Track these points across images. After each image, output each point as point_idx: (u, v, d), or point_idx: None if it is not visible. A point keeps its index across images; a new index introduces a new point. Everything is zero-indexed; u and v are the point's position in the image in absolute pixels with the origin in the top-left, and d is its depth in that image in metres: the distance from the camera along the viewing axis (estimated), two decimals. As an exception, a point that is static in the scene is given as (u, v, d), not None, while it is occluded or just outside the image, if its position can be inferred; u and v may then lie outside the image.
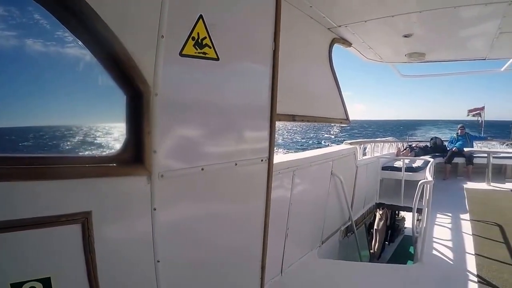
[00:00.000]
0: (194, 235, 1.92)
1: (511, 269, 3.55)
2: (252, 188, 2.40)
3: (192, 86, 1.78)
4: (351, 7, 3.56)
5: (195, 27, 1.70)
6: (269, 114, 2.39)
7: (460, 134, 10.01)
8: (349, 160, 5.17)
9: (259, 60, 2.32)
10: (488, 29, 4.28)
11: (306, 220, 3.81)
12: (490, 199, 6.83)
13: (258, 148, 2.36)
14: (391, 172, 6.99)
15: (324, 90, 4.08)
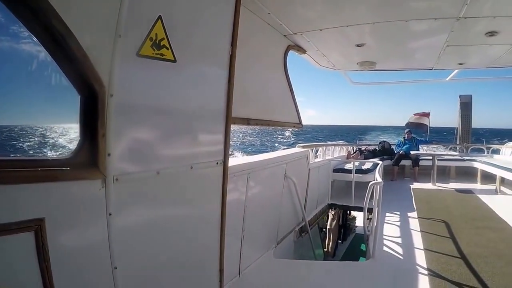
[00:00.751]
0: (151, 240, 1.89)
1: (458, 262, 3.80)
2: (208, 191, 2.41)
3: (148, 87, 1.76)
4: (308, 16, 3.66)
5: (153, 27, 1.69)
6: (224, 118, 2.42)
7: (407, 138, 10.63)
8: (302, 163, 5.28)
9: (216, 63, 2.35)
10: (436, 42, 4.57)
11: (262, 221, 3.85)
12: (436, 198, 7.28)
13: (213, 151, 2.38)
14: (342, 174, 7.22)
15: (279, 95, 4.15)
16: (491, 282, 3.29)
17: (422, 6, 3.41)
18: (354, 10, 3.50)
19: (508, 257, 3.90)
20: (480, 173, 9.16)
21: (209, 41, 2.24)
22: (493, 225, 5.23)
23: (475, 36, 4.30)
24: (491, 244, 4.34)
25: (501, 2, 3.26)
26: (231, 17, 2.38)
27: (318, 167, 6.17)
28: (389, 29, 4.02)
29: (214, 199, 2.46)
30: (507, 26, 3.88)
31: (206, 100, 2.30)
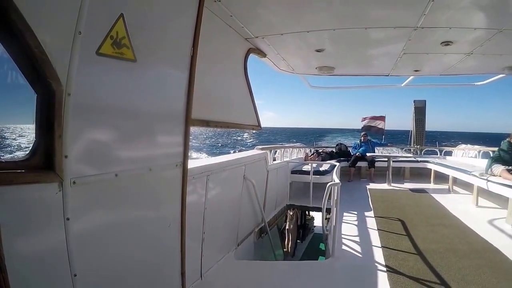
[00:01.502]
0: (111, 245, 1.83)
1: (415, 258, 3.98)
2: (168, 194, 2.38)
3: (107, 87, 1.71)
4: (269, 20, 3.70)
5: (114, 25, 1.65)
6: (184, 119, 2.41)
7: (363, 140, 11.03)
8: (261, 164, 5.32)
9: (177, 64, 2.33)
10: (394, 49, 4.75)
11: (222, 223, 3.84)
12: (391, 197, 7.59)
13: (172, 153, 2.36)
14: (300, 176, 7.33)
15: (238, 98, 4.16)
16: (447, 276, 3.47)
17: (382, 15, 3.54)
18: (315, 16, 3.57)
19: (462, 251, 4.14)
20: (433, 173, 9.64)
21: (170, 41, 2.23)
22: (447, 222, 5.55)
23: (431, 45, 4.52)
24: (446, 240, 4.59)
25: (456, 14, 3.46)
26: (193, 18, 2.37)
27: (276, 169, 6.23)
28: (349, 36, 4.14)
29: (174, 201, 2.43)
30: (462, 36, 4.12)
31: (165, 101, 2.27)
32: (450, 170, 8.44)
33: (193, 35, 2.40)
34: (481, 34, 4.01)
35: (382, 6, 3.33)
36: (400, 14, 3.48)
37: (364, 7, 3.32)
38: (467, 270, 3.61)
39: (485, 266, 3.70)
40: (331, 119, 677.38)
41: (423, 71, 6.29)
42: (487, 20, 3.65)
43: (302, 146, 11.17)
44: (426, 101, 13.40)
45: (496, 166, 6.15)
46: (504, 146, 6.33)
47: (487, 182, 6.09)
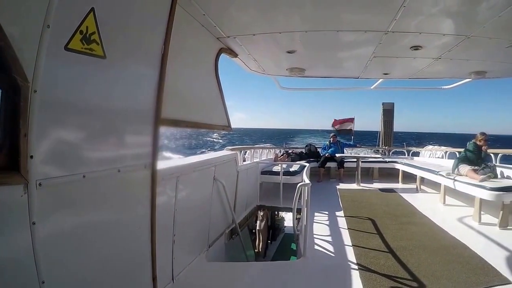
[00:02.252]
0: (80, 250, 1.76)
1: (386, 255, 4.07)
2: (137, 196, 2.32)
3: (75, 84, 1.64)
4: (242, 20, 3.70)
5: (84, 20, 1.58)
6: (153, 119, 2.36)
7: (332, 141, 11.15)
8: (231, 165, 5.29)
9: (147, 62, 2.28)
10: (364, 52, 4.86)
11: (192, 225, 3.79)
12: (361, 197, 7.73)
13: (141, 154, 2.31)
14: (270, 176, 7.35)
15: (209, 98, 4.12)
16: (418, 272, 3.57)
17: (353, 19, 3.61)
18: (288, 18, 3.60)
19: (431, 248, 4.27)
20: (402, 173, 9.92)
21: (141, 38, 2.17)
22: (416, 220, 5.73)
23: (400, 49, 4.66)
24: (415, 238, 4.73)
25: (426, 20, 3.59)
26: (166, 16, 2.33)
27: (246, 170, 6.21)
28: (320, 38, 4.19)
29: (143, 203, 2.38)
30: (431, 42, 4.27)
31: (135, 100, 2.22)
32: (417, 170, 8.70)
33: (165, 33, 2.36)
34: (450, 40, 4.17)
35: (354, 10, 3.40)
36: (372, 18, 3.56)
37: (336, 10, 3.38)
38: (436, 266, 3.73)
39: (454, 261, 3.83)
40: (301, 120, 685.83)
41: (392, 74, 6.49)
42: (456, 27, 3.81)
43: (272, 147, 11.22)
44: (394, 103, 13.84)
45: (463, 166, 6.40)
46: (470, 147, 6.57)
47: (454, 182, 6.32)
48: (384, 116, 13.79)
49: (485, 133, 6.53)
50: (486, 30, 3.75)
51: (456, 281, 3.35)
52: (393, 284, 3.34)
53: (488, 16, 3.39)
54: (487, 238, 4.78)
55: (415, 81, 7.03)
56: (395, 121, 13.99)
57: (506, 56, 4.85)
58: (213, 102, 4.18)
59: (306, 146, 11.79)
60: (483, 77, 6.19)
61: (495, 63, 5.41)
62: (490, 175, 5.68)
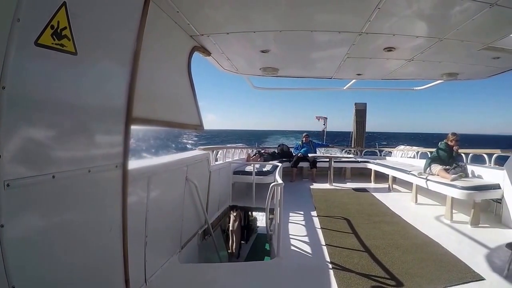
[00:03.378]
0: (51, 253, 1.70)
1: (359, 254, 4.13)
2: (108, 196, 2.26)
3: (45, 81, 1.58)
4: (216, 18, 3.65)
5: (56, 14, 1.52)
6: (125, 118, 2.32)
7: (304, 141, 11.31)
8: (203, 165, 5.24)
9: (119, 59, 2.22)
10: (338, 53, 4.90)
11: (164, 226, 3.72)
12: (334, 197, 7.84)
13: (112, 154, 2.25)
14: (243, 176, 7.32)
15: (181, 97, 4.05)
16: (391, 270, 3.65)
17: (328, 19, 3.63)
18: (262, 17, 3.59)
19: (404, 247, 4.37)
20: (374, 173, 10.12)
21: (114, 35, 2.12)
22: (388, 219, 5.85)
23: (374, 50, 4.73)
24: (388, 237, 4.83)
25: (400, 22, 3.66)
26: (139, 12, 2.28)
27: (218, 170, 6.17)
28: (295, 38, 4.21)
29: (115, 204, 2.32)
30: (404, 43, 4.36)
31: (106, 98, 2.16)
32: (390, 170, 8.92)
33: (137, 30, 2.32)
34: (423, 42, 4.28)
35: (329, 11, 3.42)
36: (346, 19, 3.60)
37: (311, 10, 3.39)
38: (410, 264, 3.82)
39: (427, 259, 3.94)
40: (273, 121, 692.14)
41: (365, 75, 6.59)
42: (429, 29, 3.90)
43: (244, 146, 11.21)
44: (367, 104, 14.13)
45: (434, 165, 6.62)
46: (441, 147, 6.79)
47: (426, 181, 6.52)
48: (357, 117, 14.06)
49: (456, 134, 6.77)
50: (459, 33, 3.87)
51: (429, 279, 3.44)
52: (368, 282, 3.39)
53: (461, 19, 3.49)
54: (459, 236, 4.94)
55: (388, 82, 7.18)
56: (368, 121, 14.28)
57: (477, 58, 5.02)
58: (185, 101, 4.11)
59: (278, 146, 11.84)
60: (454, 78, 6.38)
61: (467, 65, 5.59)
62: (461, 175, 5.91)
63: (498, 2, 3.01)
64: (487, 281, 3.38)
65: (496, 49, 4.44)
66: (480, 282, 3.37)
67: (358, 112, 14.04)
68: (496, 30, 3.83)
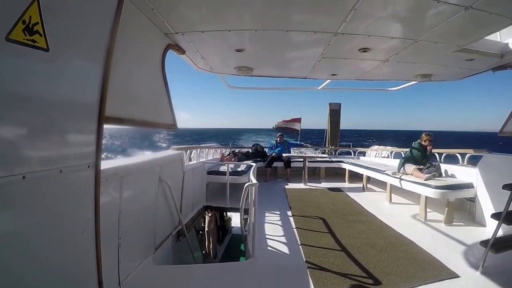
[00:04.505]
0: (21, 256, 1.64)
1: (335, 253, 4.17)
2: (80, 197, 2.19)
3: (15, 78, 1.52)
4: (191, 16, 3.61)
5: (28, 9, 1.46)
6: (97, 116, 2.25)
7: (279, 141, 11.35)
8: (176, 165, 5.18)
9: (93, 56, 2.16)
10: (313, 53, 4.93)
11: (138, 227, 3.65)
12: (308, 196, 7.90)
13: (84, 153, 2.18)
14: (217, 176, 7.28)
15: (155, 95, 3.98)
16: (367, 269, 3.70)
17: (304, 19, 3.65)
18: (238, 16, 3.57)
19: (379, 245, 4.45)
20: (348, 173, 10.26)
21: (87, 31, 2.05)
22: (363, 218, 5.94)
23: (349, 51, 4.78)
24: (363, 236, 4.90)
25: (376, 23, 3.71)
26: (113, 9, 2.22)
27: (192, 170, 6.11)
28: (270, 37, 4.21)
29: (87, 205, 2.25)
30: (379, 44, 4.43)
31: (78, 96, 2.09)
32: (364, 170, 9.05)
33: (111, 26, 2.25)
34: (397, 43, 4.37)
35: (305, 11, 3.44)
36: (322, 19, 3.63)
37: (287, 10, 3.40)
38: (385, 262, 3.88)
39: (402, 258, 4.02)
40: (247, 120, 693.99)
41: (340, 75, 6.66)
42: (404, 31, 3.99)
43: (218, 146, 11.16)
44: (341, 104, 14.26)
45: (408, 165, 6.78)
46: (415, 146, 6.94)
47: (400, 181, 6.65)
48: (331, 117, 14.14)
49: (430, 134, 6.95)
50: (434, 35, 3.98)
51: (405, 277, 3.50)
52: (344, 281, 3.42)
53: (436, 21, 3.59)
54: (434, 234, 5.08)
55: (362, 82, 7.28)
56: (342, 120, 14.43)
57: (451, 60, 5.17)
58: (159, 100, 4.05)
59: (252, 145, 11.86)
60: (428, 80, 6.54)
61: (441, 67, 5.74)
62: (435, 174, 6.08)
63: (473, 5, 3.12)
64: (462, 279, 3.46)
65: (470, 51, 4.60)
66: (455, 279, 3.45)
67: (332, 112, 14.15)
68: (470, 32, 3.97)
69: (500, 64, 5.32)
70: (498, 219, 3.43)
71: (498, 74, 5.67)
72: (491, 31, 4.02)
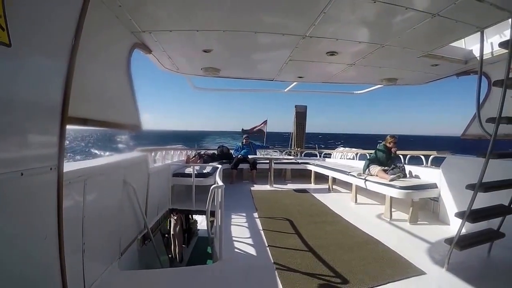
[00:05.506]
0: None
1: (302, 254, 4.18)
2: (42, 201, 2.08)
3: None
4: (159, 14, 3.54)
5: None
6: (60, 117, 2.14)
7: (245, 143, 11.33)
8: (141, 167, 5.07)
9: (57, 54, 2.06)
10: (280, 55, 4.98)
11: (103, 232, 3.52)
12: (275, 198, 7.92)
13: (47, 155, 2.07)
14: (182, 178, 7.19)
15: (120, 96, 3.87)
16: (335, 269, 3.74)
17: (273, 21, 3.67)
18: (206, 16, 3.54)
19: (346, 246, 4.51)
20: (314, 174, 10.38)
21: (52, 27, 1.96)
22: (329, 219, 6.01)
23: (316, 54, 4.86)
24: (330, 236, 4.94)
25: (344, 27, 3.79)
26: (79, 5, 2.13)
27: (157, 172, 5.99)
28: (238, 39, 4.21)
29: (49, 210, 2.13)
30: (346, 48, 4.53)
31: (41, 95, 1.98)
32: (329, 171, 9.18)
33: (77, 23, 2.16)
34: (365, 48, 4.49)
35: (274, 13, 3.46)
36: (291, 22, 3.67)
37: (256, 11, 3.42)
38: (353, 262, 3.94)
39: (369, 257, 4.10)
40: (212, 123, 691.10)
41: (307, 78, 6.77)
42: (372, 36, 4.11)
43: (184, 148, 10.99)
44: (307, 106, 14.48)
45: (373, 166, 6.94)
46: (380, 148, 7.13)
47: (365, 181, 6.80)
48: (297, 119, 14.33)
49: (395, 136, 7.14)
50: (400, 41, 4.13)
51: (372, 275, 3.56)
52: (312, 281, 3.45)
53: (403, 27, 3.72)
54: (399, 233, 5.22)
55: (329, 85, 7.42)
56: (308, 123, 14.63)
57: (416, 65, 5.38)
58: (124, 100, 3.93)
59: (218, 147, 11.78)
60: (394, 83, 6.77)
61: (406, 71, 5.96)
62: (399, 175, 6.26)
63: (440, 13, 3.28)
64: (428, 275, 3.58)
65: (435, 57, 4.81)
66: (421, 276, 3.56)
67: (298, 114, 14.34)
68: (436, 39, 4.15)
69: (463, 69, 5.60)
70: (462, 218, 3.57)
71: (462, 79, 6.00)
72: (457, 38, 4.23)
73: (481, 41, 3.87)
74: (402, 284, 3.41)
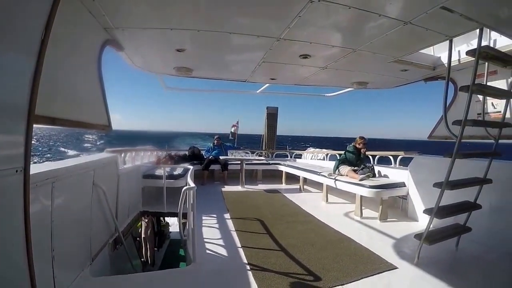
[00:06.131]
0: None
1: (276, 254, 4.21)
2: (8, 206, 1.94)
3: None
4: (133, 11, 3.44)
5: None
6: (26, 116, 2.01)
7: (216, 144, 11.30)
8: (111, 168, 4.91)
9: (25, 49, 1.93)
10: (254, 57, 4.98)
11: (72, 237, 3.36)
12: (246, 199, 7.95)
13: (12, 156, 1.93)
14: (153, 180, 7.04)
15: (90, 94, 3.72)
16: (308, 267, 3.79)
17: (248, 23, 3.67)
18: (181, 15, 3.48)
19: (319, 244, 4.58)
20: (285, 175, 10.52)
21: (20, 21, 1.84)
22: (301, 218, 6.09)
23: (289, 56, 4.91)
24: (302, 235, 5.00)
25: (318, 31, 3.84)
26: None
27: (127, 173, 5.83)
28: (212, 39, 4.16)
29: (16, 214, 1.99)
30: (319, 52, 4.60)
31: (6, 92, 1.85)
32: (300, 172, 9.32)
33: (47, 17, 2.03)
34: (337, 52, 4.57)
35: (249, 14, 3.45)
36: (266, 24, 3.67)
37: (231, 12, 3.39)
38: (326, 260, 4.01)
39: (342, 254, 4.19)
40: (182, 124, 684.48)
41: (279, 79, 6.82)
42: (344, 41, 4.18)
43: (154, 149, 10.78)
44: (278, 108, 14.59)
45: (343, 167, 7.12)
46: (350, 149, 7.33)
47: (336, 181, 6.96)
48: (268, 120, 14.41)
49: (364, 137, 7.36)
50: (372, 46, 4.23)
51: (346, 272, 3.66)
52: (287, 280, 3.47)
53: (375, 33, 3.83)
54: (370, 230, 5.38)
55: (301, 87, 7.53)
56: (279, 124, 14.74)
57: (387, 70, 5.55)
58: (93, 99, 3.79)
59: (189, 148, 11.63)
60: (364, 87, 6.95)
61: (377, 76, 6.13)
62: (369, 175, 6.46)
63: (412, 21, 3.38)
64: (399, 270, 3.73)
65: (405, 62, 4.98)
66: (393, 271, 3.71)
67: (269, 115, 14.42)
68: (406, 45, 4.28)
69: (431, 75, 5.83)
70: (431, 214, 3.73)
71: (429, 84, 6.23)
72: (426, 45, 4.41)
73: (450, 49, 4.03)
74: (375, 279, 3.51)
